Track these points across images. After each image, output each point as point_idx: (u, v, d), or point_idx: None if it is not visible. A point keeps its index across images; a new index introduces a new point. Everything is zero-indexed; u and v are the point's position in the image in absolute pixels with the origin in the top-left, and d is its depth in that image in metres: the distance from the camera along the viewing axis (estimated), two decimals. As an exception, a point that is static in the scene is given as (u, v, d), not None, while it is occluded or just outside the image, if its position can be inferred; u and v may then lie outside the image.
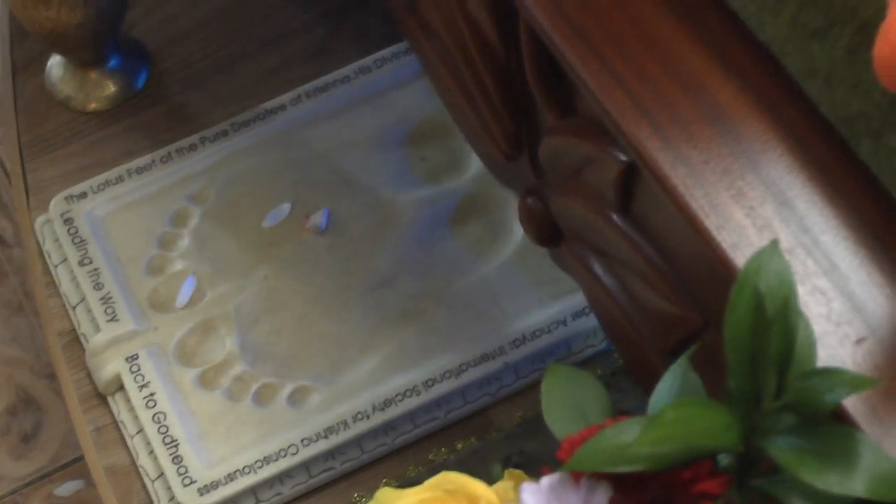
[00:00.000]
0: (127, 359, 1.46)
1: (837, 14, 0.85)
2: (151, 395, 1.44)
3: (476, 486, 0.87)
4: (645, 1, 0.97)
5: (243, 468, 1.40)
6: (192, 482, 1.39)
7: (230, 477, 1.40)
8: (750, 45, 0.94)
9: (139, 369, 1.45)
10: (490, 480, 0.91)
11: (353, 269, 1.49)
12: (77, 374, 1.49)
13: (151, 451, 1.42)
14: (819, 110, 0.90)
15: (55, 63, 1.67)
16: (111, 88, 1.65)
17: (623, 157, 1.01)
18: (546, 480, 0.82)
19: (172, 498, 1.40)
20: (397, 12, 1.29)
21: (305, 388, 1.44)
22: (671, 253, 1.04)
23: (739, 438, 0.81)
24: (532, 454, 1.41)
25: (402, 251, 1.50)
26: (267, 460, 1.40)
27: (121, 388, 1.46)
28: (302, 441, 1.41)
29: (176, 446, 1.41)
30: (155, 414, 1.43)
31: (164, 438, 1.42)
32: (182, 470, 1.40)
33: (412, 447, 1.44)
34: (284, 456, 1.41)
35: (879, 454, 0.79)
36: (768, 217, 0.88)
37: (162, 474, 1.41)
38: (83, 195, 1.56)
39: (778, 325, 0.79)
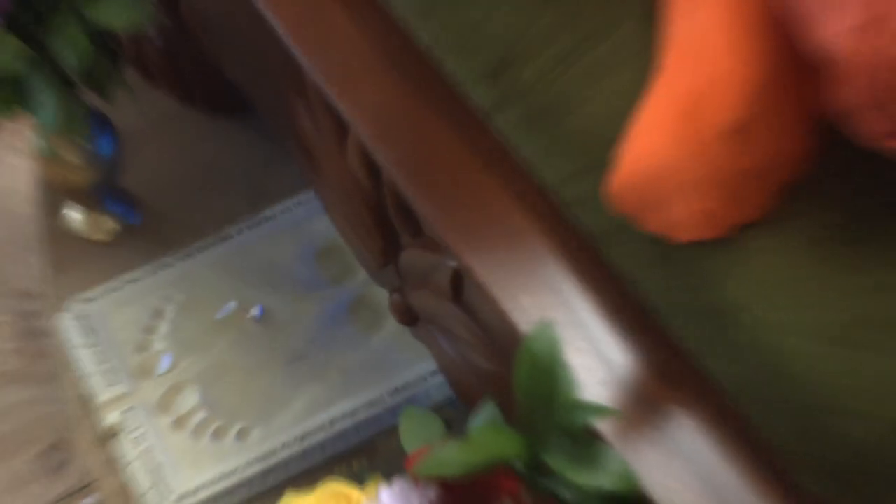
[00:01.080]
0: (123, 411, 1.47)
1: (597, 158, 0.85)
2: (141, 435, 1.45)
3: (352, 491, 0.86)
4: (467, 162, 0.97)
5: (205, 483, 1.41)
6: (170, 493, 1.40)
7: (196, 491, 1.41)
8: (537, 184, 0.94)
9: (131, 419, 1.46)
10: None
11: (279, 346, 1.50)
12: (91, 422, 1.49)
13: (142, 472, 1.43)
14: (583, 228, 0.92)
15: (71, 207, 1.65)
16: (110, 224, 1.63)
17: (453, 264, 1.02)
18: (397, 484, 0.82)
19: (156, 506, 1.41)
20: (304, 170, 1.30)
21: (247, 429, 1.45)
22: (488, 328, 1.05)
23: (524, 452, 0.83)
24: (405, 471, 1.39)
25: (313, 333, 1.50)
26: (221, 477, 1.41)
27: (120, 432, 1.46)
28: (246, 464, 1.42)
29: (159, 470, 1.42)
30: (144, 449, 1.44)
31: (149, 465, 1.43)
32: (163, 486, 1.41)
33: (323, 466, 1.44)
34: (233, 475, 1.42)
35: (619, 460, 0.81)
36: (546, 302, 0.89)
37: (149, 489, 1.41)
38: (92, 299, 1.56)
39: (547, 374, 0.82)
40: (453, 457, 0.81)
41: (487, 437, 0.83)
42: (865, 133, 0.73)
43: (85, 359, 1.53)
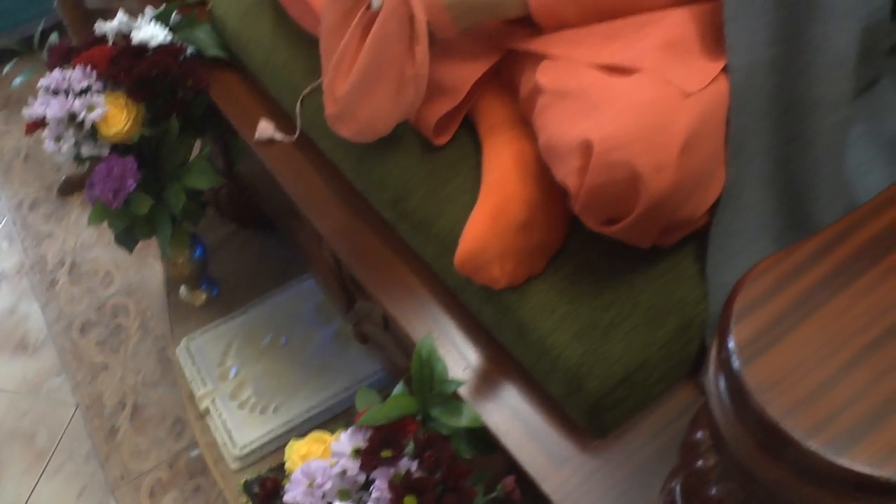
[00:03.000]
0: (211, 400, 1.43)
1: (451, 245, 0.81)
2: (220, 413, 1.41)
3: (327, 436, 0.85)
4: (385, 252, 0.96)
5: (256, 438, 1.37)
6: (236, 445, 1.36)
7: (250, 443, 1.37)
8: (422, 261, 0.94)
9: (215, 403, 1.42)
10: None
11: (297, 359, 1.46)
12: (194, 406, 1.45)
13: (221, 433, 1.39)
14: (447, 283, 0.92)
15: (182, 287, 1.62)
16: (203, 296, 1.60)
17: (383, 309, 1.01)
18: (348, 431, 0.81)
19: (230, 453, 1.37)
20: (303, 260, 1.30)
21: (279, 406, 1.41)
22: (401, 341, 1.04)
23: (419, 408, 0.82)
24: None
25: (314, 350, 1.46)
26: (264, 435, 1.37)
27: (210, 411, 1.43)
28: (277, 426, 1.38)
29: (230, 432, 1.38)
30: (222, 420, 1.40)
31: (225, 429, 1.39)
32: (232, 441, 1.37)
33: (320, 426, 1.38)
34: (271, 433, 1.37)
35: (472, 410, 0.80)
36: (428, 325, 0.88)
37: (225, 443, 1.38)
38: (193, 338, 1.53)
39: (429, 365, 0.82)
40: (379, 413, 0.81)
41: (398, 402, 0.83)
42: (587, 223, 0.74)
43: (190, 371, 1.49)
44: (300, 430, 1.38)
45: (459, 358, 0.86)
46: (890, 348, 0.49)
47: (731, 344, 0.50)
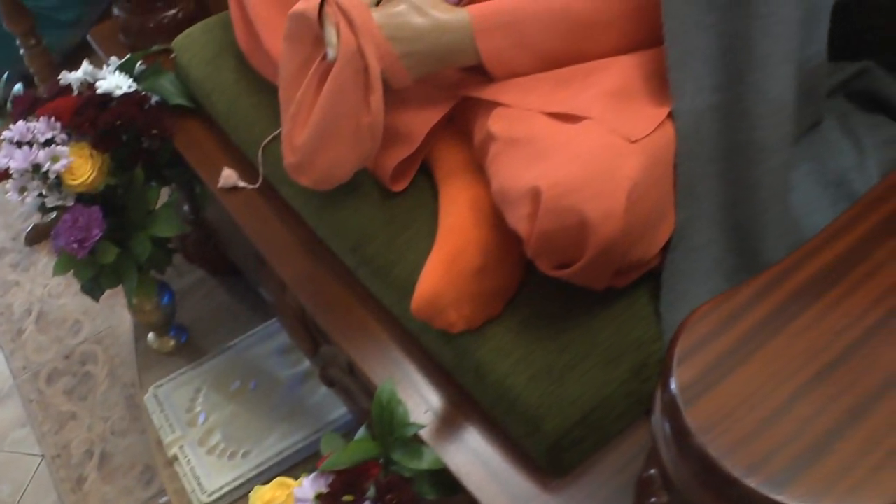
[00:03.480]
0: (180, 447, 1.41)
1: (409, 291, 0.81)
2: (188, 459, 1.39)
3: (290, 481, 0.84)
4: (346, 298, 0.96)
5: (224, 484, 1.35)
6: (205, 492, 1.35)
7: (219, 489, 1.35)
8: (383, 307, 0.94)
9: (184, 450, 1.41)
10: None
11: (265, 403, 1.44)
12: (163, 454, 1.43)
13: (189, 480, 1.37)
14: (407, 327, 0.92)
15: (151, 335, 1.60)
16: (171, 343, 1.59)
17: (347, 355, 1.01)
18: (311, 476, 0.81)
19: (199, 499, 1.35)
20: (270, 306, 1.30)
21: (248, 451, 1.39)
22: (365, 385, 1.02)
23: (380, 452, 0.82)
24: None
25: (283, 394, 1.44)
26: (233, 480, 1.35)
27: (179, 458, 1.41)
28: (247, 471, 1.36)
29: (199, 478, 1.36)
30: (191, 467, 1.38)
31: (194, 475, 1.37)
32: (201, 487, 1.35)
33: (288, 471, 1.37)
34: (240, 478, 1.35)
35: (433, 453, 0.81)
36: (390, 370, 0.89)
37: (194, 490, 1.36)
38: (161, 385, 1.52)
39: (389, 409, 0.82)
40: (341, 458, 0.81)
41: (360, 446, 0.83)
42: (540, 267, 0.75)
43: (159, 418, 1.48)
44: (269, 475, 1.36)
45: (421, 401, 0.86)
46: (826, 386, 0.51)
47: (674, 386, 0.51)
